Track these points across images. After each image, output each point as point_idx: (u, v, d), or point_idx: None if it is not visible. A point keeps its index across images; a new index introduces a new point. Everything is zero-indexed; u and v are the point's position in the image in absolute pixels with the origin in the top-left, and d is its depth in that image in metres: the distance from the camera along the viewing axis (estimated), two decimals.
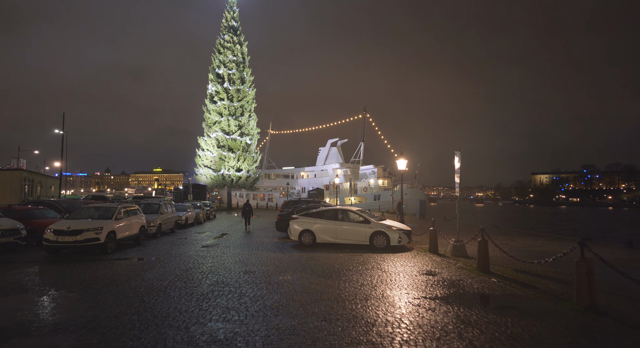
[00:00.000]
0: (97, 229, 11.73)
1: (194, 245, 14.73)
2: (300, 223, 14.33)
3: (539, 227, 41.38)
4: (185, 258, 11.35)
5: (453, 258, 11.46)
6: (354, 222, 13.74)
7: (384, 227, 13.37)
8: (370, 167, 60.85)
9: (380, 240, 13.27)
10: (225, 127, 51.23)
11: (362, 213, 14.08)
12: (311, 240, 14.10)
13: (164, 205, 18.72)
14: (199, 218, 25.51)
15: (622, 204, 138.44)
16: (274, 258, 11.42)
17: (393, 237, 13.19)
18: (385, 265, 10.35)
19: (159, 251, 12.89)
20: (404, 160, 15.91)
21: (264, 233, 19.08)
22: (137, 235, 14.45)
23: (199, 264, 10.44)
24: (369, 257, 11.78)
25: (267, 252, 12.89)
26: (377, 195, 55.69)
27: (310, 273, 9.22)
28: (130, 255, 11.91)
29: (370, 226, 13.46)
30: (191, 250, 13.12)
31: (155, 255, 11.98)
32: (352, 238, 13.65)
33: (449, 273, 9.22)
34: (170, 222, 18.98)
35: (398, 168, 16.01)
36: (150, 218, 16.84)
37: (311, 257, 11.62)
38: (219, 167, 51.27)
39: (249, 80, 53.63)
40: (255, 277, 8.76)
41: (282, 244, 14.85)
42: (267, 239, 16.59)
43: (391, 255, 12.05)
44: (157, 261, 10.91)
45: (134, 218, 14.38)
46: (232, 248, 13.67)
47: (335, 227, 13.83)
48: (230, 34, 53.38)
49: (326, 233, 13.93)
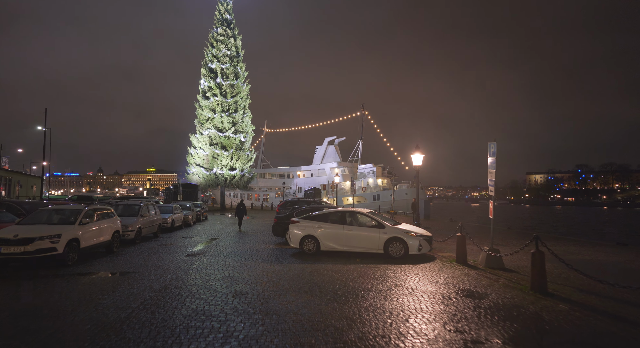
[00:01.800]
0: (54, 237, 9.57)
1: (177, 253, 12.61)
2: (301, 227, 12.27)
3: (547, 227, 39.56)
4: (162, 273, 9.24)
5: (489, 271, 9.43)
6: (365, 227, 11.70)
7: (401, 233, 11.33)
8: (369, 166, 58.86)
9: (397, 248, 11.23)
10: (218, 124, 48.95)
11: (375, 215, 12.03)
12: (314, 248, 12.04)
13: (145, 206, 16.56)
14: (188, 221, 23.36)
15: (616, 204, 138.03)
16: (270, 272, 9.34)
17: (412, 245, 11.15)
18: (410, 282, 8.32)
19: (133, 262, 10.76)
20: (420, 154, 13.85)
21: (259, 238, 16.98)
22: (109, 242, 12.31)
23: (178, 281, 8.34)
24: (387, 269, 9.74)
25: (263, 262, 10.81)
26: (377, 195, 53.72)
27: (319, 295, 7.15)
28: (95, 269, 9.77)
29: (385, 231, 11.42)
30: (172, 261, 11.01)
31: (126, 268, 9.85)
32: (363, 245, 11.61)
33: (497, 295, 7.19)
34: (152, 226, 16.83)
35: (413, 163, 13.95)
36: (128, 222, 14.69)
37: (316, 270, 9.56)
38: (212, 166, 48.98)
39: (243, 76, 51.38)
40: (247, 302, 6.68)
41: (280, 252, 12.77)
42: (263, 245, 14.50)
43: (413, 267, 10.02)
44: (126, 276, 8.79)
45: (105, 223, 12.22)
46: (221, 258, 11.57)
47: (342, 233, 11.78)
48: (223, 27, 51.09)
49: (332, 239, 11.88)
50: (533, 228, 31.17)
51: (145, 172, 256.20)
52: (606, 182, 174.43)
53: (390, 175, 57.96)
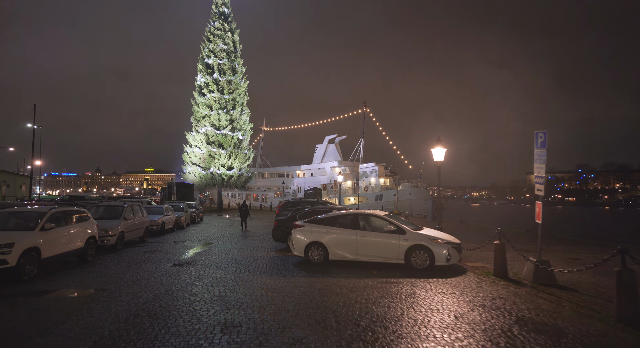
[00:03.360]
0: (4, 247, 7.78)
1: (162, 262, 10.82)
2: (306, 233, 10.48)
3: (567, 230, 37.53)
4: (137, 291, 7.45)
5: (542, 289, 7.64)
6: (382, 232, 9.91)
7: (426, 239, 9.55)
8: (371, 165, 57.04)
9: (421, 258, 9.45)
10: (215, 121, 47.12)
11: (393, 219, 10.25)
12: (322, 257, 10.26)
13: (129, 207, 14.75)
14: (181, 223, 21.56)
15: (617, 204, 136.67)
16: (271, 290, 7.56)
17: (439, 254, 9.36)
18: (449, 305, 6.54)
19: (107, 275, 8.97)
20: (442, 148, 12.06)
21: (257, 243, 15.19)
22: (81, 250, 10.51)
23: (154, 304, 6.56)
24: (413, 285, 7.97)
25: (261, 275, 9.03)
26: (379, 195, 51.95)
27: (336, 328, 5.38)
28: (57, 285, 7.98)
29: (406, 237, 9.63)
30: (154, 273, 9.22)
31: (96, 284, 8.07)
32: (379, 254, 9.83)
33: (576, 330, 5.39)
34: (138, 229, 15.03)
35: (434, 158, 12.18)
36: (108, 226, 12.90)
37: (327, 287, 7.79)
38: (209, 165, 47.14)
39: (241, 71, 49.54)
40: (240, 342, 4.90)
41: (282, 261, 10.99)
42: (261, 252, 12.71)
43: (444, 283, 8.24)
44: (91, 297, 7.01)
45: (77, 227, 10.43)
46: (212, 269, 9.79)
47: (355, 239, 9.99)
48: (220, 21, 49.26)
49: (343, 247, 10.10)
50: (555, 231, 28.70)
51: (144, 172, 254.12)
52: (607, 182, 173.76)
53: (392, 175, 56.18)
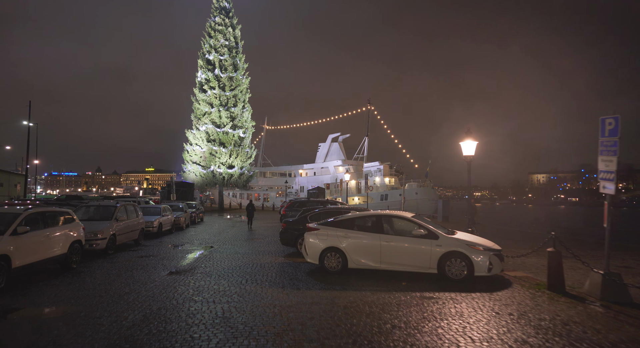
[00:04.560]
0: None
1: (157, 269, 9.51)
2: (321, 237, 9.15)
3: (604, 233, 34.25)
4: (122, 311, 6.13)
5: (620, 309, 6.28)
6: (410, 236, 8.57)
7: (462, 245, 8.20)
8: (376, 164, 55.62)
9: (458, 267, 8.09)
10: (216, 118, 45.79)
11: (423, 221, 8.90)
12: (339, 265, 8.92)
13: (123, 207, 13.43)
14: (180, 224, 20.23)
15: (621, 204, 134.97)
16: (285, 308, 6.23)
17: (479, 263, 8.00)
18: (514, 333, 5.20)
19: (90, 287, 7.64)
20: (472, 141, 10.68)
21: (263, 246, 13.85)
22: (64, 256, 9.19)
23: (142, 329, 5.24)
24: (455, 302, 6.63)
25: (272, 287, 7.70)
26: (384, 195, 50.54)
27: None
28: (26, 301, 6.64)
29: (439, 243, 8.29)
30: (147, 284, 7.90)
31: (73, 299, 6.74)
32: (407, 262, 8.48)
33: None
34: (132, 231, 13.70)
35: (463, 153, 10.82)
36: (98, 228, 11.58)
37: (352, 304, 6.45)
38: (209, 164, 45.81)
39: (243, 68, 48.19)
40: None
41: (293, 269, 9.65)
42: (268, 258, 11.38)
43: (491, 299, 6.90)
44: (64, 319, 5.68)
45: (59, 230, 9.10)
46: (214, 278, 8.47)
47: (379, 244, 8.65)
48: (221, 15, 47.91)
49: (364, 253, 8.76)
50: (591, 235, 25.40)
51: (144, 171, 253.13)
52: None
53: (398, 174, 54.83)
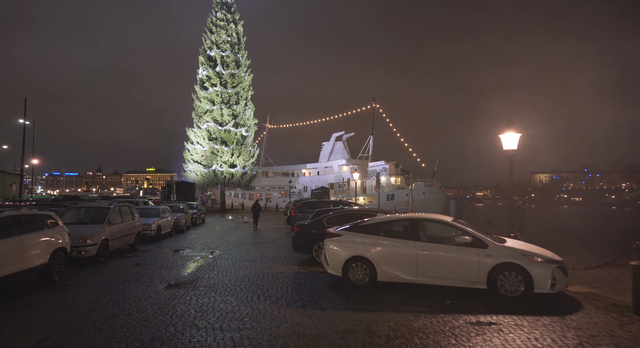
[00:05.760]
0: None
1: (153, 282, 8.20)
2: (345, 244, 7.81)
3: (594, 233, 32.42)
4: (107, 342, 4.80)
5: None
6: (454, 244, 7.23)
7: (518, 256, 6.84)
8: (381, 163, 54.29)
9: (513, 282, 6.74)
10: (217, 116, 44.47)
11: (467, 226, 7.56)
12: (366, 277, 7.59)
13: (116, 209, 12.11)
14: (180, 226, 18.93)
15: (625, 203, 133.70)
16: (309, 339, 4.90)
17: (540, 277, 6.63)
18: None
19: (72, 306, 6.32)
20: (515, 133, 9.28)
21: (273, 252, 12.52)
22: (44, 266, 7.87)
23: None
24: (521, 329, 5.29)
25: (289, 306, 6.38)
26: (391, 195, 49.15)
27: None
28: None
29: (489, 252, 6.94)
30: (141, 301, 6.58)
31: (48, 325, 5.43)
32: (450, 275, 7.13)
33: None
34: (127, 235, 12.38)
35: (504, 147, 9.45)
36: (88, 232, 10.26)
37: (394, 335, 5.13)
38: (211, 163, 44.50)
39: (245, 64, 46.89)
40: None
41: (310, 281, 8.32)
42: (280, 266, 10.04)
43: (564, 325, 5.56)
44: None
45: (38, 236, 7.79)
46: (220, 294, 7.16)
47: (414, 253, 7.31)
48: (223, 11, 46.62)
49: (397, 264, 7.42)
50: (595, 236, 23.37)
51: (145, 171, 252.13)
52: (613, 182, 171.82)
53: (404, 173, 53.48)
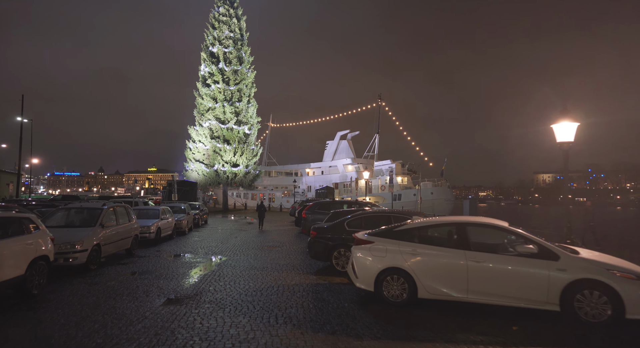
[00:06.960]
0: None
1: (150, 295, 6.93)
2: (377, 253, 6.53)
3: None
4: None
5: None
6: (514, 256, 5.94)
7: (600, 271, 5.52)
8: (387, 163, 52.95)
9: (595, 304, 5.44)
10: (220, 114, 43.21)
11: (530, 234, 6.27)
12: (405, 292, 6.31)
13: (111, 210, 10.84)
14: (182, 227, 17.69)
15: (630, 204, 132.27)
16: None
17: (632, 298, 5.35)
18: None
19: (49, 332, 5.07)
20: (572, 123, 7.94)
21: (284, 258, 11.23)
22: (21, 278, 6.61)
23: None
24: None
25: (315, 333, 5.11)
26: (397, 195, 47.80)
27: None
28: None
29: (562, 265, 5.64)
30: (133, 324, 5.32)
31: None
32: (510, 292, 5.84)
33: None
34: (123, 239, 11.11)
35: (557, 138, 8.13)
36: (77, 237, 9.00)
37: None
38: (213, 162, 43.22)
39: (248, 61, 45.63)
40: None
41: (335, 296, 7.03)
42: (296, 276, 8.75)
43: None
44: None
45: (13, 243, 6.54)
46: (228, 314, 5.89)
47: (465, 265, 6.03)
48: (226, 6, 45.35)
49: (443, 277, 6.14)
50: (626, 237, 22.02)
51: (147, 171, 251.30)
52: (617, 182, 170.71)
53: (411, 173, 52.16)
